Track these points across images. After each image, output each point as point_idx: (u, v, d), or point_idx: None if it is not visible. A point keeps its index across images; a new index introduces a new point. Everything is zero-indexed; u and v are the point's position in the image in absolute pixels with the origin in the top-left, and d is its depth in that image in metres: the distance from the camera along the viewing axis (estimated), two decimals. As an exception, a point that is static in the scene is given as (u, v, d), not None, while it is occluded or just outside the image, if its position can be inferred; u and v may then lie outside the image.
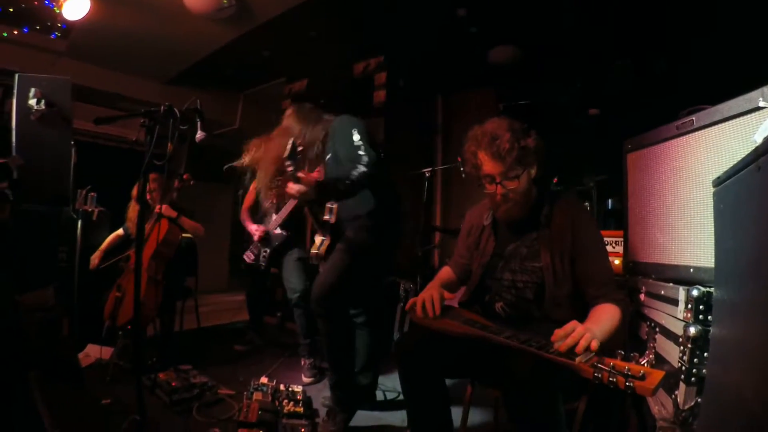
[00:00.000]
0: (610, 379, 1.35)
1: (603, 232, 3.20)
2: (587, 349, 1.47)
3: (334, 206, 2.97)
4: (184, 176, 4.27)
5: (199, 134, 2.69)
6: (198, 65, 6.08)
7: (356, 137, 2.72)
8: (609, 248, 3.19)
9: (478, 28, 5.01)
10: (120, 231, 4.34)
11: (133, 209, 4.23)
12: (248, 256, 4.30)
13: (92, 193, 4.11)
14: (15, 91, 2.67)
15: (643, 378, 1.31)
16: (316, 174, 2.97)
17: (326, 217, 2.99)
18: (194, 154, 7.40)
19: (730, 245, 1.37)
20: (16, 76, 2.71)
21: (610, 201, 4.18)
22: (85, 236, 3.97)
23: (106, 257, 4.16)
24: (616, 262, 2.99)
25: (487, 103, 6.09)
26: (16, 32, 5.29)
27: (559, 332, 1.55)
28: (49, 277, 2.93)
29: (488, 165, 1.95)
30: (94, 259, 4.14)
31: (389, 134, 5.51)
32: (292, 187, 2.54)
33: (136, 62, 6.06)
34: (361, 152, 2.64)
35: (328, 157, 2.94)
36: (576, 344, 1.49)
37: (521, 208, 2.04)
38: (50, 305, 2.87)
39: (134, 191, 4.18)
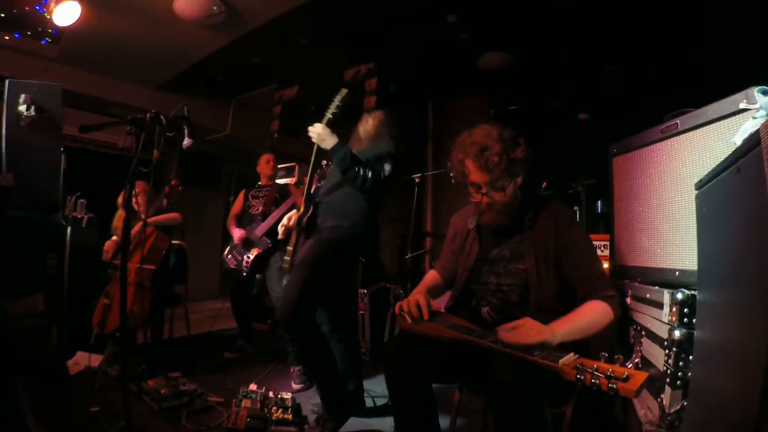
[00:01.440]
0: (593, 381, 1.35)
1: (592, 236, 3.22)
2: (570, 350, 1.49)
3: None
4: (173, 182, 4.26)
5: (186, 141, 2.69)
6: (189, 71, 6.06)
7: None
8: (597, 252, 3.21)
9: (469, 35, 5.04)
10: (114, 238, 4.31)
11: (119, 218, 4.20)
12: (230, 261, 4.30)
13: (82, 200, 4.08)
14: (5, 97, 2.66)
15: (626, 380, 1.31)
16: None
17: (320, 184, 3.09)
18: (185, 160, 7.43)
19: (712, 248, 1.38)
20: (7, 81, 2.71)
21: (599, 205, 4.19)
22: (75, 243, 3.94)
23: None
24: (605, 265, 3.00)
25: (478, 109, 6.13)
26: (6, 38, 5.26)
27: (507, 325, 1.63)
28: (38, 284, 2.91)
29: (475, 174, 1.94)
30: (108, 250, 4.12)
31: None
32: (317, 127, 2.86)
33: (126, 68, 6.04)
34: (387, 166, 2.91)
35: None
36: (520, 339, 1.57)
37: (505, 216, 2.03)
38: (39, 312, 2.86)
39: (120, 200, 4.17)
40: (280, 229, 3.22)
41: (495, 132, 1.94)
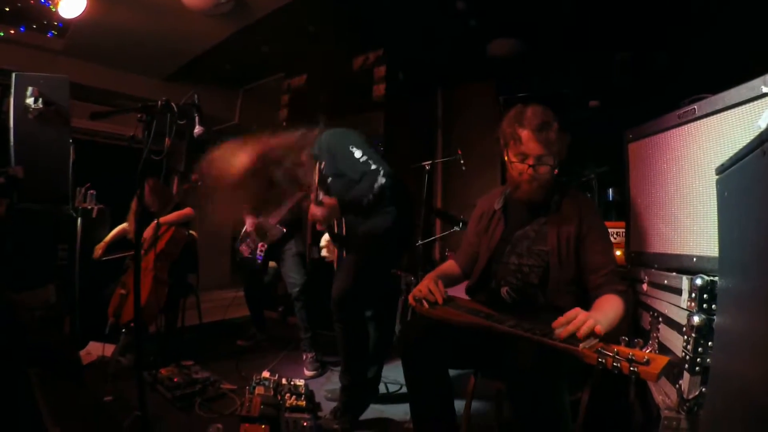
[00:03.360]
0: (614, 364, 1.34)
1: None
2: (591, 335, 1.47)
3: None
4: (193, 177, 4.23)
5: (198, 129, 2.66)
6: (196, 61, 6.05)
7: (358, 153, 2.69)
8: (611, 239, 3.18)
9: (478, 21, 4.98)
10: (125, 225, 4.32)
11: (130, 221, 4.20)
12: (244, 250, 4.29)
13: (91, 191, 4.09)
14: (12, 90, 2.67)
15: (647, 363, 1.30)
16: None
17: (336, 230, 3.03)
18: (195, 150, 7.43)
19: (735, 233, 1.35)
20: (14, 75, 2.71)
21: (611, 192, 4.16)
22: (85, 234, 3.95)
23: (110, 250, 4.16)
24: (618, 252, 2.98)
25: (488, 95, 6.07)
26: (12, 31, 5.25)
27: (561, 319, 1.55)
28: (49, 276, 2.93)
29: (531, 145, 2.00)
30: (98, 249, 4.14)
31: (389, 128, 5.48)
32: (316, 212, 2.64)
33: (133, 59, 6.03)
34: (373, 166, 2.61)
35: (329, 179, 2.93)
36: (577, 330, 1.48)
37: (541, 192, 2.09)
38: (51, 303, 2.87)
39: (133, 205, 4.16)
40: (326, 253, 3.21)
41: (551, 112, 2.05)
